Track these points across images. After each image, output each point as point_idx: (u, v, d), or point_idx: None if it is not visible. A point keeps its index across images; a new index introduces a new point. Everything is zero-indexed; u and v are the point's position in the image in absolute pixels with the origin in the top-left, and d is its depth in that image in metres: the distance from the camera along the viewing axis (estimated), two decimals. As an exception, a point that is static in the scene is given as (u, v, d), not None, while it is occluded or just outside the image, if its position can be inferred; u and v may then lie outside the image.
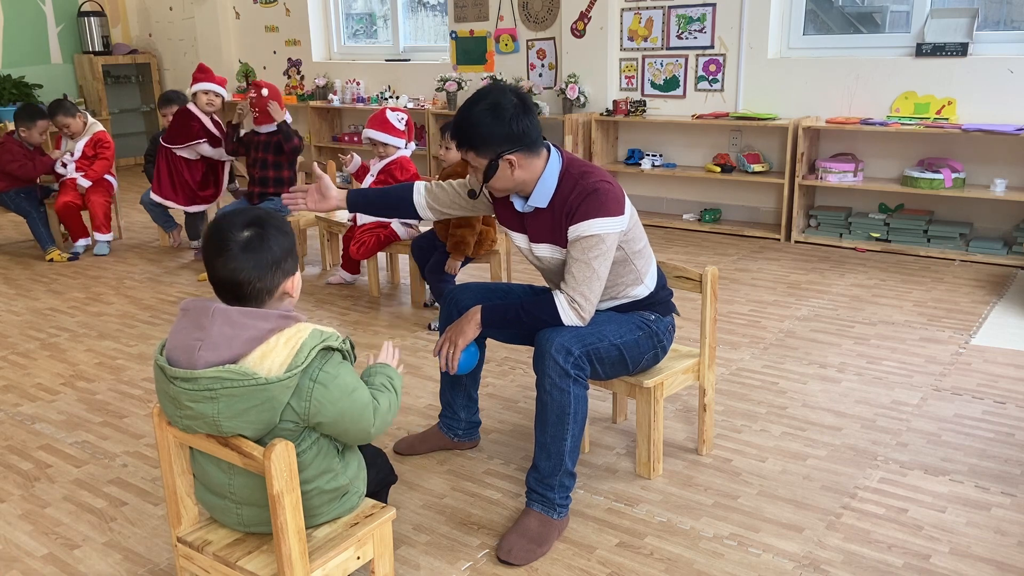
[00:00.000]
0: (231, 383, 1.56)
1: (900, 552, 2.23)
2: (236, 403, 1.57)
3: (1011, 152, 4.88)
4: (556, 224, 2.33)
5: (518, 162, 2.26)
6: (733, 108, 5.76)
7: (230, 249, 1.63)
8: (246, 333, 1.59)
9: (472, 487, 2.61)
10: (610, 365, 2.37)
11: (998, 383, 3.26)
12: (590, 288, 2.26)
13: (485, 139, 2.23)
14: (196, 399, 1.58)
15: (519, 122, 2.23)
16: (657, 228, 5.92)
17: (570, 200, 2.28)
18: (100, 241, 5.53)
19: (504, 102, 2.23)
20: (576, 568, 2.20)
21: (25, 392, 3.43)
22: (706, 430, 2.75)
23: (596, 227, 2.25)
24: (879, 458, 2.71)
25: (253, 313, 1.62)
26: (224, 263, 1.63)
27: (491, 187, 2.33)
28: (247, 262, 1.63)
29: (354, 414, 1.70)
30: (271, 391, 1.57)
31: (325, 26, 8.04)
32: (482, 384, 3.13)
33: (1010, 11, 5.17)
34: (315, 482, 1.74)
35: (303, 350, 1.59)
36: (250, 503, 1.74)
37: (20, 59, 8.45)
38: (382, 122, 4.27)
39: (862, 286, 4.50)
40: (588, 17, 6.11)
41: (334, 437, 1.74)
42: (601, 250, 2.25)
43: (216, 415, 1.58)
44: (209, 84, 5.20)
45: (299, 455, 1.65)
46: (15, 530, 2.45)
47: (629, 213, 2.36)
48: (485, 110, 2.23)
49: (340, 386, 1.66)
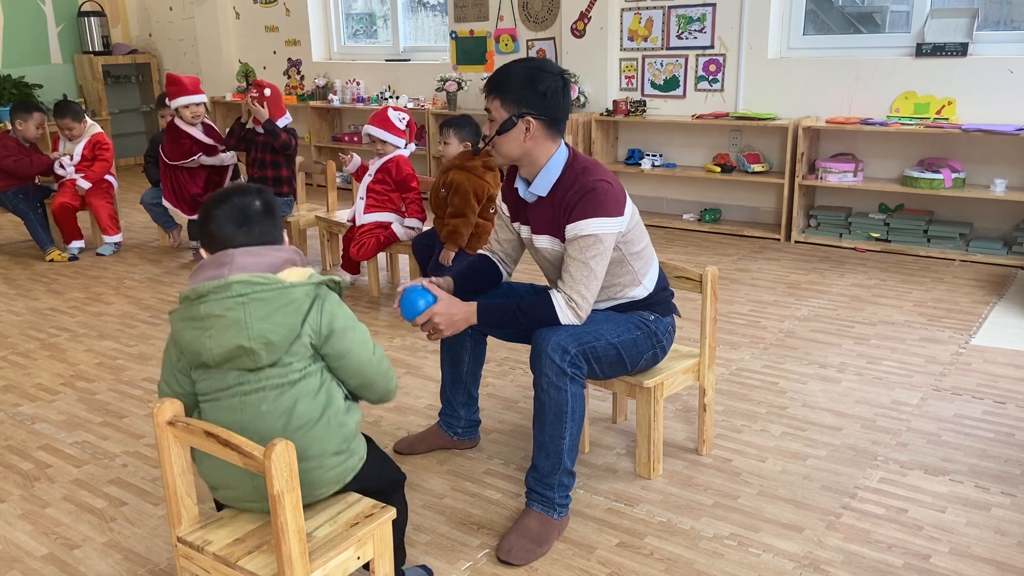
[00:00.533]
0: (259, 286, 1.70)
1: (900, 552, 2.23)
2: (263, 306, 1.70)
3: (1011, 152, 4.88)
4: (555, 217, 2.33)
5: (534, 130, 2.28)
6: (733, 108, 5.76)
7: (252, 217, 1.79)
8: (266, 260, 1.76)
9: (472, 487, 2.61)
10: (608, 364, 2.36)
11: (998, 383, 3.26)
12: (587, 287, 2.26)
13: (517, 91, 2.26)
14: (229, 307, 1.69)
15: (554, 93, 2.28)
16: (657, 228, 5.92)
17: (569, 195, 2.29)
18: (108, 242, 5.57)
19: (548, 68, 2.31)
20: (576, 568, 2.20)
21: (25, 392, 3.43)
22: (706, 430, 2.75)
23: (593, 227, 2.25)
24: (879, 458, 2.71)
25: (269, 247, 1.80)
26: (249, 231, 1.78)
27: (497, 145, 2.33)
28: (269, 225, 1.81)
29: (358, 336, 1.83)
30: (294, 294, 1.72)
31: (325, 26, 8.04)
32: (482, 384, 3.13)
33: (1010, 11, 5.17)
34: (322, 418, 1.78)
35: (313, 277, 1.78)
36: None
37: (20, 59, 8.44)
38: (383, 120, 4.28)
39: (862, 286, 4.50)
40: (588, 17, 6.11)
41: (338, 370, 1.83)
42: (599, 250, 2.26)
43: (247, 318, 1.69)
44: (188, 98, 5.07)
45: (307, 387, 1.77)
46: (15, 530, 2.45)
47: (629, 214, 2.36)
48: (529, 67, 2.29)
49: (345, 312, 1.83)
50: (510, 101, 2.27)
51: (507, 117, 2.28)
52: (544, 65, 2.32)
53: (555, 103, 2.29)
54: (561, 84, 2.30)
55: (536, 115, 2.28)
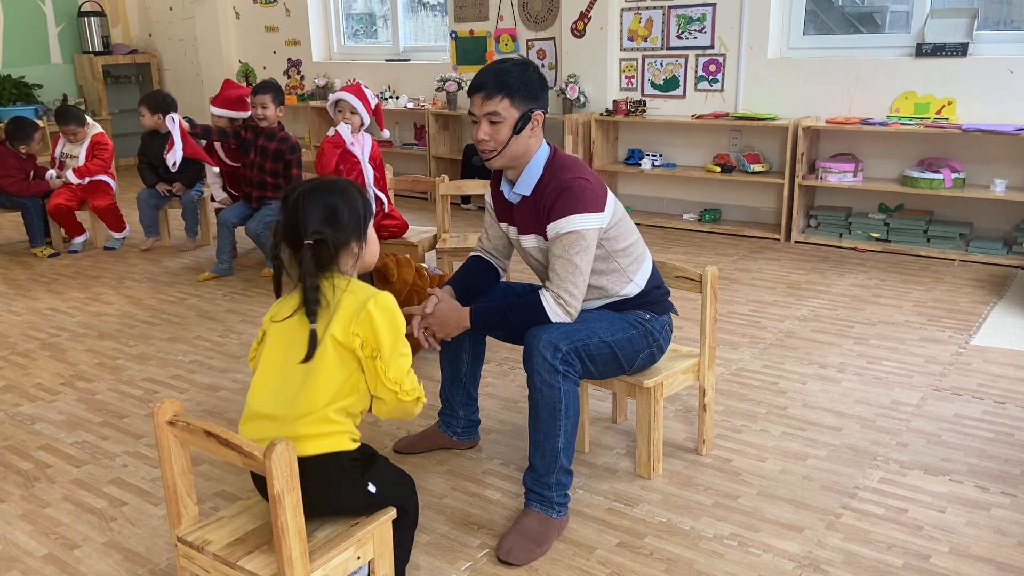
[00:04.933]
0: None
1: (900, 552, 2.23)
2: None
3: (1011, 152, 4.88)
4: (537, 215, 2.36)
5: (538, 125, 2.33)
6: (733, 108, 5.76)
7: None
8: None
9: (472, 487, 2.61)
10: (602, 363, 2.37)
11: (998, 383, 3.26)
12: (574, 284, 2.28)
13: (527, 86, 2.29)
14: None
15: (546, 85, 2.35)
16: (657, 228, 5.92)
17: (547, 193, 2.31)
18: (117, 238, 5.71)
19: (531, 63, 2.36)
20: (576, 568, 2.20)
21: (25, 392, 3.43)
22: (706, 430, 2.75)
23: (574, 223, 2.26)
24: (879, 458, 2.71)
25: None
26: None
27: (510, 146, 2.30)
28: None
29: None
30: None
31: (325, 26, 8.04)
32: (482, 384, 3.14)
33: (1010, 11, 5.17)
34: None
35: None
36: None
37: (20, 59, 8.44)
38: (356, 89, 4.31)
39: (862, 286, 4.50)
40: (588, 17, 6.11)
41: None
42: (581, 246, 2.27)
43: None
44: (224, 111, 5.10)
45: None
46: (15, 530, 2.45)
47: (611, 211, 2.36)
48: (518, 64, 2.32)
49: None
50: (520, 98, 2.28)
51: (519, 115, 2.29)
52: (526, 61, 2.37)
53: (547, 95, 2.36)
54: (542, 77, 2.37)
55: (543, 108, 2.33)
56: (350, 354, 1.79)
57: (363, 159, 4.27)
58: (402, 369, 1.82)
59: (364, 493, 1.82)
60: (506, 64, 2.32)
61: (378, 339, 1.77)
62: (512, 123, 2.29)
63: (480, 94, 2.30)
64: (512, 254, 2.66)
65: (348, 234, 1.84)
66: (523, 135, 2.31)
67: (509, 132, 2.29)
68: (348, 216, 1.83)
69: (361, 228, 1.88)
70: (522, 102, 2.29)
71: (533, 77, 2.31)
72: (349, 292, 1.80)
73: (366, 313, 1.77)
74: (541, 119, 2.33)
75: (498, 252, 2.63)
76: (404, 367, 1.82)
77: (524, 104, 2.29)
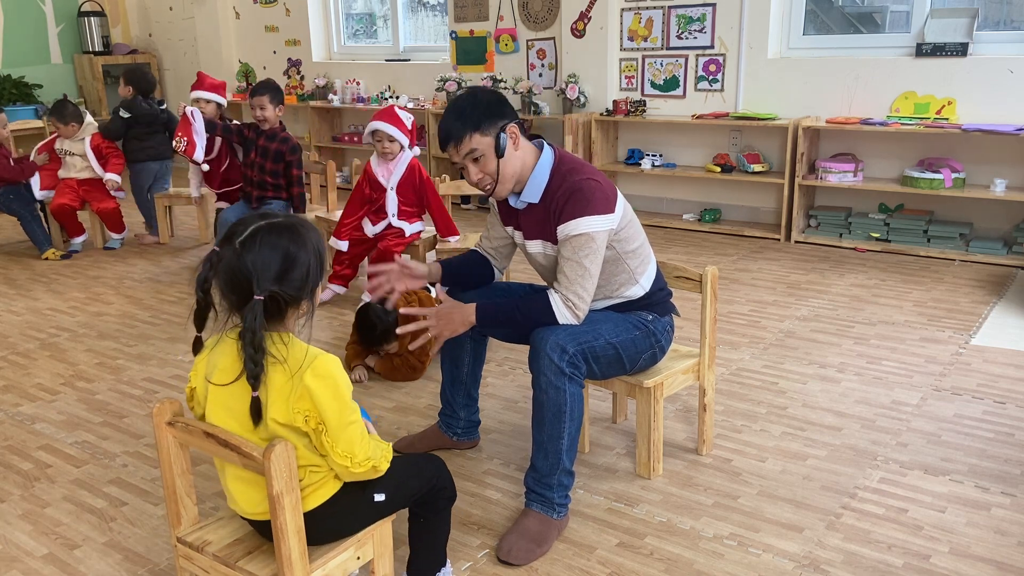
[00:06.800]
0: None
1: (900, 552, 2.23)
2: None
3: (1011, 152, 4.88)
4: (546, 220, 2.34)
5: (517, 136, 2.31)
6: (733, 108, 5.76)
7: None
8: None
9: (472, 487, 2.61)
10: (606, 364, 2.37)
11: (998, 383, 3.26)
12: (583, 286, 2.27)
13: (485, 112, 2.27)
14: None
15: (499, 98, 2.33)
16: (657, 228, 5.92)
17: (557, 196, 2.30)
18: (116, 238, 5.74)
19: (479, 89, 2.36)
20: (576, 568, 2.20)
21: (25, 392, 3.43)
22: (706, 430, 2.75)
23: (584, 226, 2.26)
24: (879, 458, 2.71)
25: None
26: None
27: (503, 170, 2.30)
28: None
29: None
30: None
31: (325, 26, 8.04)
32: (482, 384, 3.13)
33: (1010, 11, 5.17)
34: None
35: None
36: None
37: (20, 59, 8.44)
38: (392, 116, 4.20)
39: (862, 286, 4.50)
40: (588, 17, 6.11)
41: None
42: (592, 248, 2.26)
43: None
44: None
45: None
46: (15, 530, 2.45)
47: (621, 212, 2.35)
48: (468, 96, 2.33)
49: None
50: (485, 125, 2.27)
51: (493, 139, 2.27)
52: (472, 89, 2.40)
53: (509, 105, 2.34)
54: (496, 92, 2.37)
55: (511, 120, 2.30)
56: (298, 429, 1.64)
57: (389, 185, 4.24)
58: (352, 440, 1.64)
59: (370, 504, 1.80)
60: (457, 103, 2.31)
61: (321, 412, 1.61)
62: (492, 150, 2.28)
63: (451, 143, 2.30)
64: (512, 257, 2.65)
65: (301, 293, 1.65)
66: (508, 154, 2.30)
67: (494, 159, 2.29)
68: (304, 272, 1.64)
69: (316, 286, 1.69)
70: (489, 126, 2.27)
71: (484, 99, 2.30)
72: (283, 362, 1.61)
73: (303, 388, 1.59)
74: (516, 130, 2.31)
75: (498, 253, 2.62)
76: (353, 437, 1.65)
77: (491, 127, 2.27)
